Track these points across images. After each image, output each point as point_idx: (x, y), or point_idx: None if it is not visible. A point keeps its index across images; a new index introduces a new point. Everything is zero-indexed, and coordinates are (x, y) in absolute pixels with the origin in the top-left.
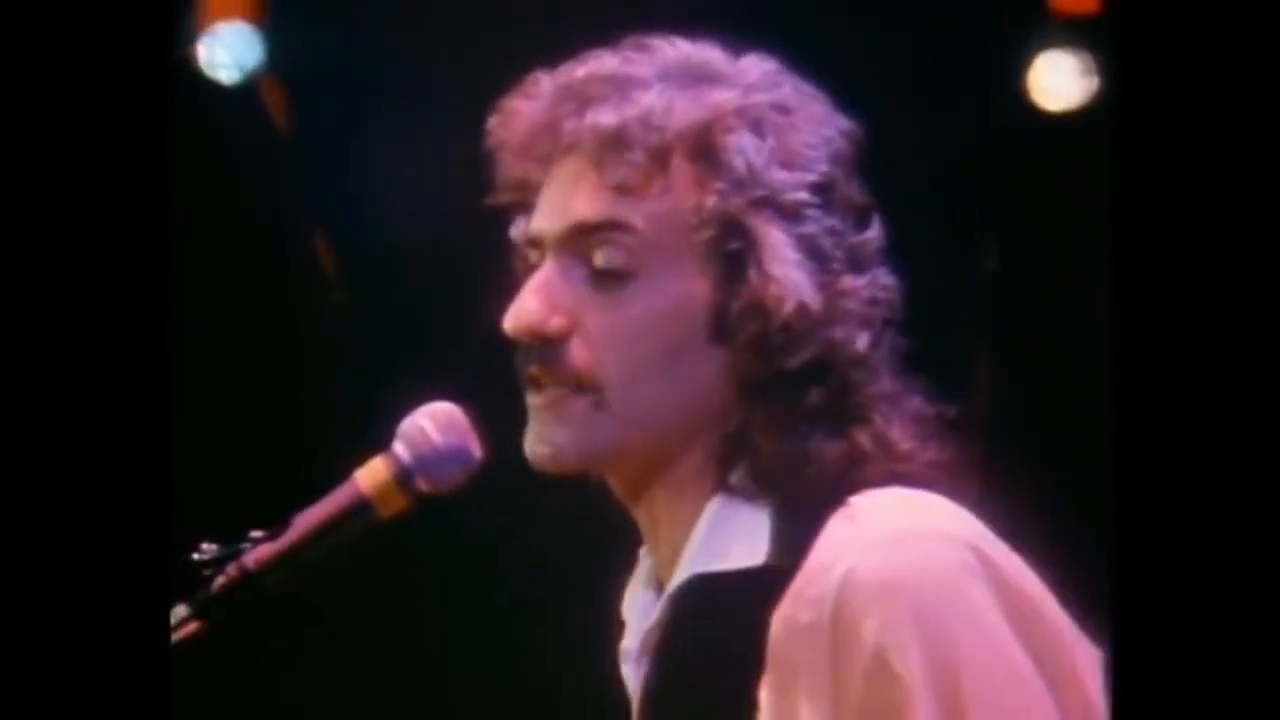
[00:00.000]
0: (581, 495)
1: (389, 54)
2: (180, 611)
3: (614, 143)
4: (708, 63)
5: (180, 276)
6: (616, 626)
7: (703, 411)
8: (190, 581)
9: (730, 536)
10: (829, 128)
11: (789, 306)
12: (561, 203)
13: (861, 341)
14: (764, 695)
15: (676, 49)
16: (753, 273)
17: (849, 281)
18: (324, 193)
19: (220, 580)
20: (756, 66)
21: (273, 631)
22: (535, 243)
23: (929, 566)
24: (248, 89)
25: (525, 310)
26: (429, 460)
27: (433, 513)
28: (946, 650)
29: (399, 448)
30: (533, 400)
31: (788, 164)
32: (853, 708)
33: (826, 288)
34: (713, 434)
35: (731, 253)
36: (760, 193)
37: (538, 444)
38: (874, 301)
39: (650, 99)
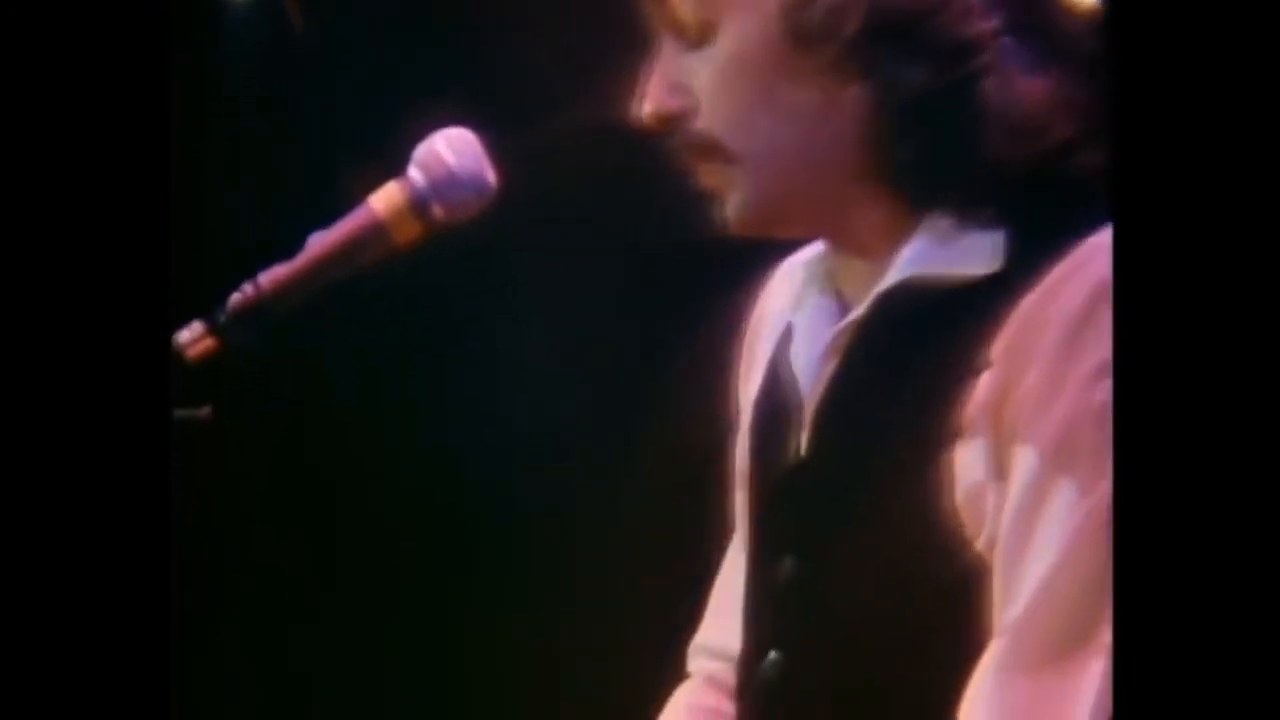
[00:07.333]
0: None
1: None
2: (196, 328)
3: None
4: None
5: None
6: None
7: (838, 132)
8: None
9: (955, 248)
10: None
11: None
12: None
13: None
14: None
15: None
16: None
17: None
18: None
19: (236, 298)
20: None
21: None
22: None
23: None
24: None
25: (648, 102)
26: (444, 185)
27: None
28: None
29: (414, 172)
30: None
31: None
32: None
33: None
34: (869, 153)
35: None
36: None
37: (721, 222)
38: None
39: None
